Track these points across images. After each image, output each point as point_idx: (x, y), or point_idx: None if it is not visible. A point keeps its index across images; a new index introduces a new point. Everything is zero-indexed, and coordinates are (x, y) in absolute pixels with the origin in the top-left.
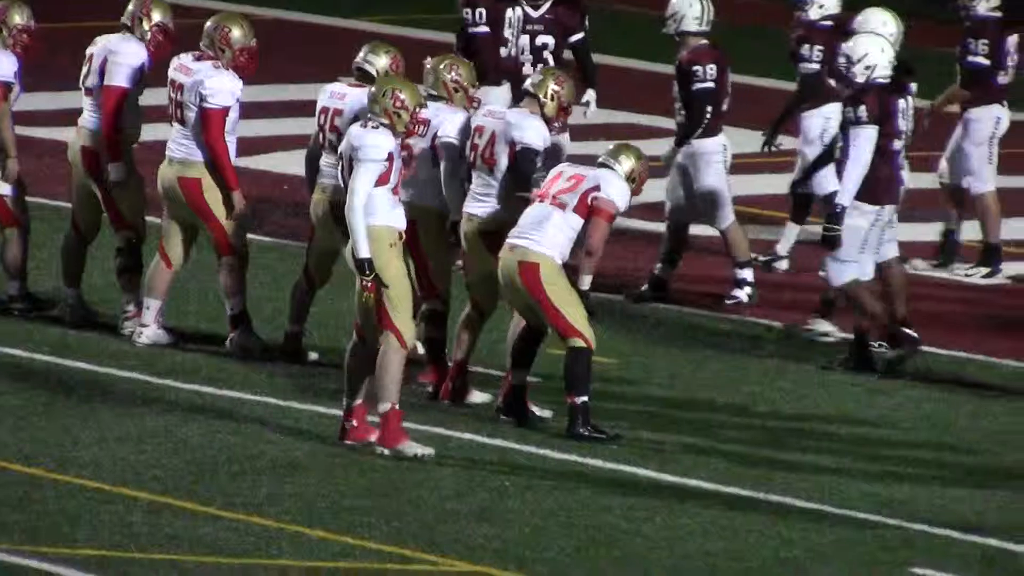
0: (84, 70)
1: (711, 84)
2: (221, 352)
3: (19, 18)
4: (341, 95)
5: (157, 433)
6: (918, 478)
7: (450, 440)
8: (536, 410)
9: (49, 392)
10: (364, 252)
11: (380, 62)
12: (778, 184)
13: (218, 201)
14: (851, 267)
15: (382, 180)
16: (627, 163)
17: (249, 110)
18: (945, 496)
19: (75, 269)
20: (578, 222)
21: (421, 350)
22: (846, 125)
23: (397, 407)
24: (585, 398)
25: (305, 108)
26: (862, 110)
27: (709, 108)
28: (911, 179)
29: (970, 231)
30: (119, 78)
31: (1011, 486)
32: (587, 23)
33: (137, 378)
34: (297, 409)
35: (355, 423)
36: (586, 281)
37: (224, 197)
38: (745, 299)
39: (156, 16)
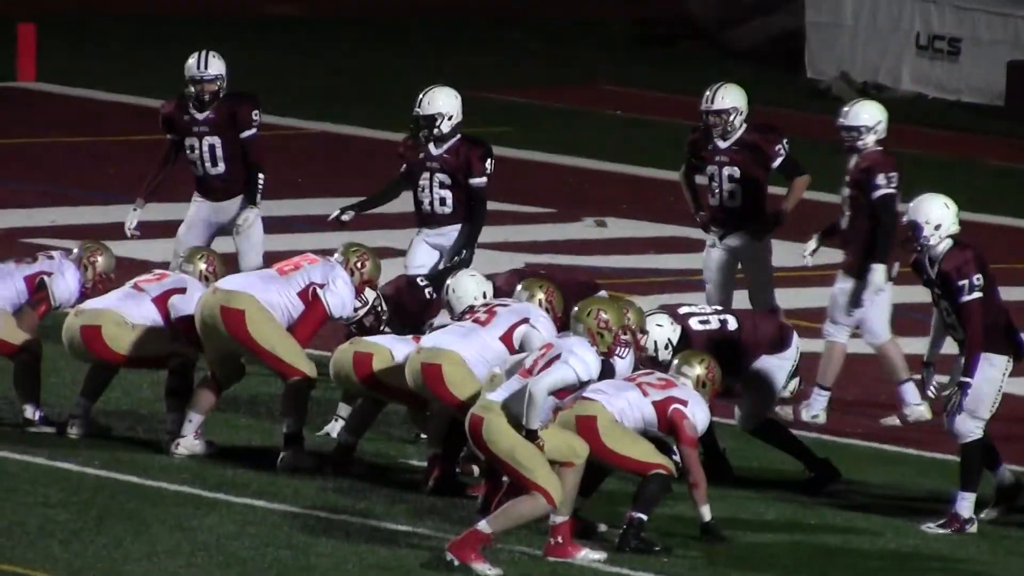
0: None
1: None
2: (272, 466)
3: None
4: None
5: (208, 547)
6: None
7: (501, 552)
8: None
9: (100, 506)
10: (534, 425)
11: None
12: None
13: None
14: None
15: (560, 392)
16: (697, 369)
17: (298, 222)
18: None
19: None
20: (650, 413)
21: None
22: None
23: (492, 537)
24: (645, 517)
25: (356, 221)
26: None
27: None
28: None
29: None
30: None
31: None
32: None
33: (188, 492)
34: (348, 522)
35: (560, 539)
36: (706, 512)
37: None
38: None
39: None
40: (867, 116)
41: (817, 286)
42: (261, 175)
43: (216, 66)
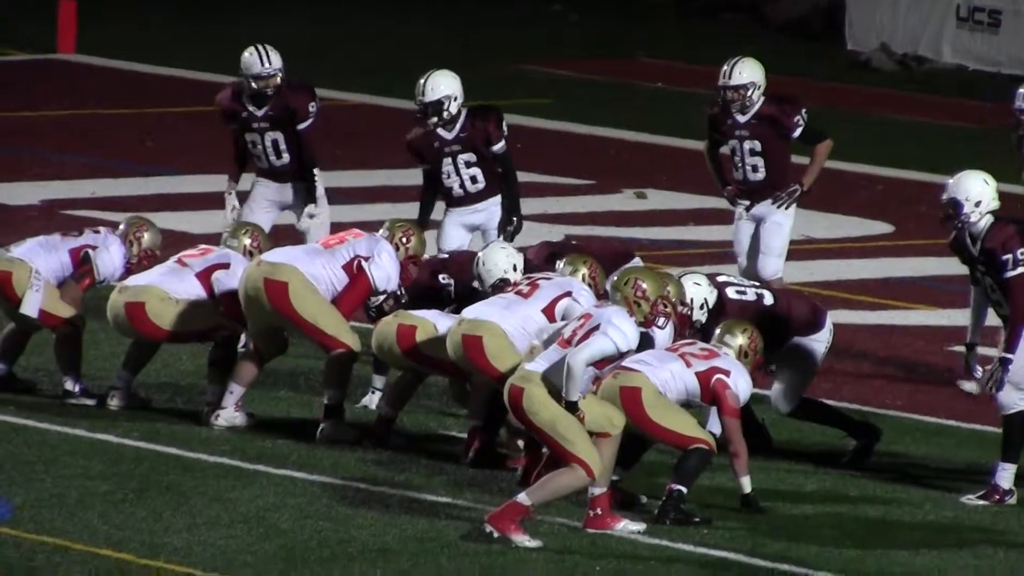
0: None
1: None
2: (311, 438)
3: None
4: None
5: (248, 518)
6: (1012, 564)
7: (541, 524)
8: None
9: (139, 478)
10: (574, 397)
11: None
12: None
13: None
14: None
15: (599, 363)
16: (740, 339)
17: (335, 196)
18: None
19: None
20: (693, 384)
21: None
22: None
23: (531, 509)
24: (684, 489)
25: (394, 194)
26: None
27: None
28: None
29: None
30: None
31: None
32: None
33: (227, 463)
34: (387, 494)
35: (599, 511)
36: (746, 483)
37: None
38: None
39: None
40: None
41: (857, 257)
42: (316, 171)
43: (276, 60)
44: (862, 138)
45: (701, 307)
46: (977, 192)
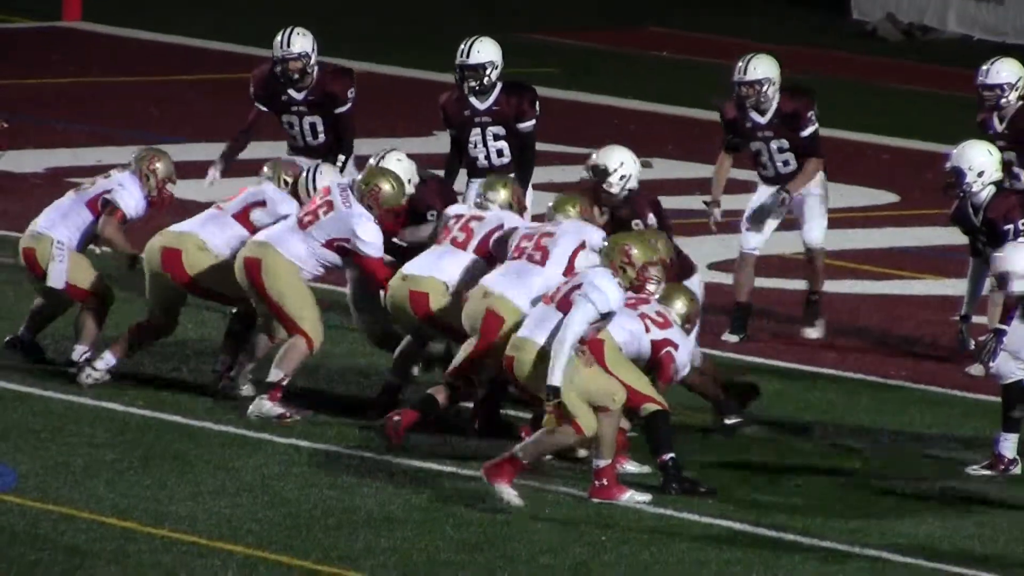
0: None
1: None
2: (316, 406)
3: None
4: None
5: (253, 487)
6: (1016, 534)
7: (546, 494)
8: (633, 467)
9: (144, 446)
10: (556, 381)
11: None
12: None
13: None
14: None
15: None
16: (681, 308)
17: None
18: None
19: None
20: (646, 348)
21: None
22: None
23: (526, 464)
24: (671, 455)
25: None
26: None
27: None
28: None
29: None
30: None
31: None
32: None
33: (232, 432)
34: (392, 463)
35: (604, 482)
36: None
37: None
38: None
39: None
40: (1007, 74)
41: (862, 227)
42: (342, 156)
43: (299, 43)
44: (867, 108)
45: (623, 177)
46: (980, 162)
